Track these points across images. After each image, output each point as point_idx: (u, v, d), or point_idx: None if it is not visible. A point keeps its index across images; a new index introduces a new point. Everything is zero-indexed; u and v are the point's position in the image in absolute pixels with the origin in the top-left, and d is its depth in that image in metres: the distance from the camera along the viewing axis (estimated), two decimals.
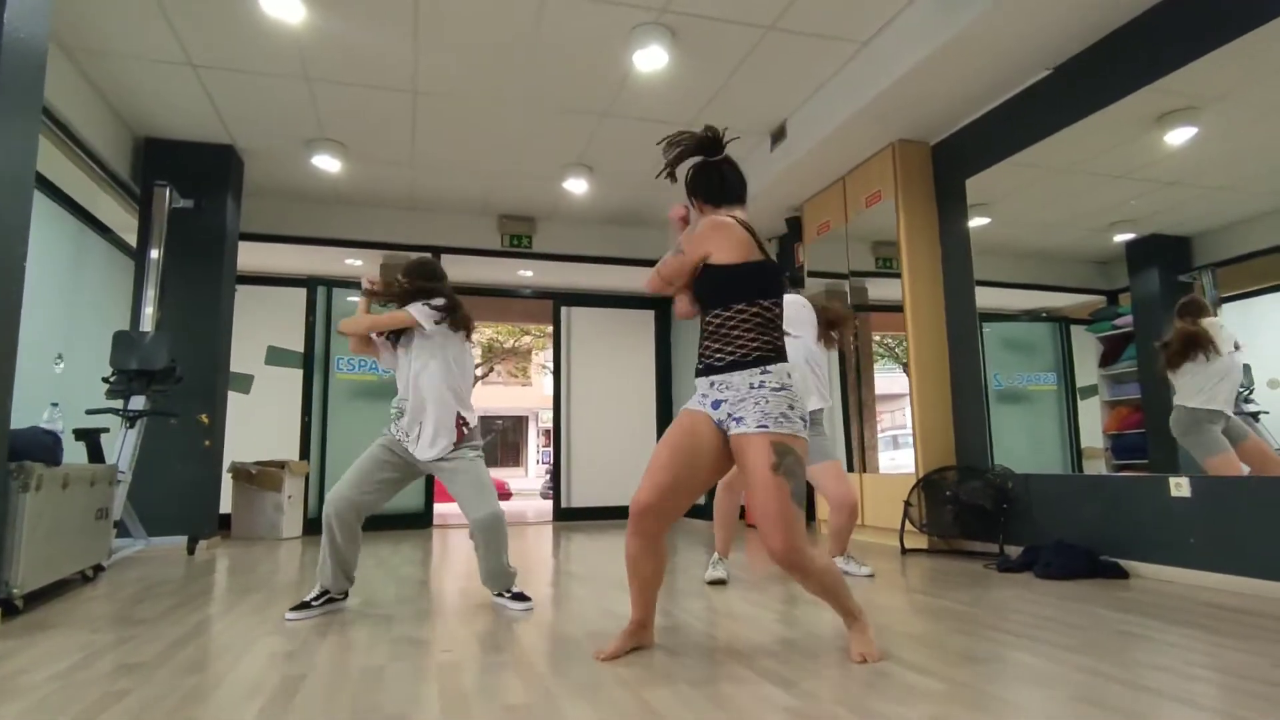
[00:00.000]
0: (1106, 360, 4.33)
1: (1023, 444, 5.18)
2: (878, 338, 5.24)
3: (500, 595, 2.76)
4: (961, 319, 4.41)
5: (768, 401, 1.91)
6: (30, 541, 2.68)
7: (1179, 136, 3.49)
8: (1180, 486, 3.07)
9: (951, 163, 4.49)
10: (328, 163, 5.33)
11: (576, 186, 5.91)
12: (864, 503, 4.80)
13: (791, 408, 1.93)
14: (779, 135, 5.03)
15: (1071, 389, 5.24)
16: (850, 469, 5.09)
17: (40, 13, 2.68)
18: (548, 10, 3.71)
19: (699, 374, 2.05)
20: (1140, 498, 3.25)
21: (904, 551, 4.13)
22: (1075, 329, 5.30)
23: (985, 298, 5.15)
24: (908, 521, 4.15)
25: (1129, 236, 4.05)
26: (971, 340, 4.33)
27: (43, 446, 2.81)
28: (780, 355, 1.99)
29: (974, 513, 3.92)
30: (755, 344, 1.96)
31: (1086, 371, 5.12)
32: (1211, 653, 1.96)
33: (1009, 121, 4.06)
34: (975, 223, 4.71)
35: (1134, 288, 3.96)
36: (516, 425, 26.09)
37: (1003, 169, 4.17)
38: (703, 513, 6.55)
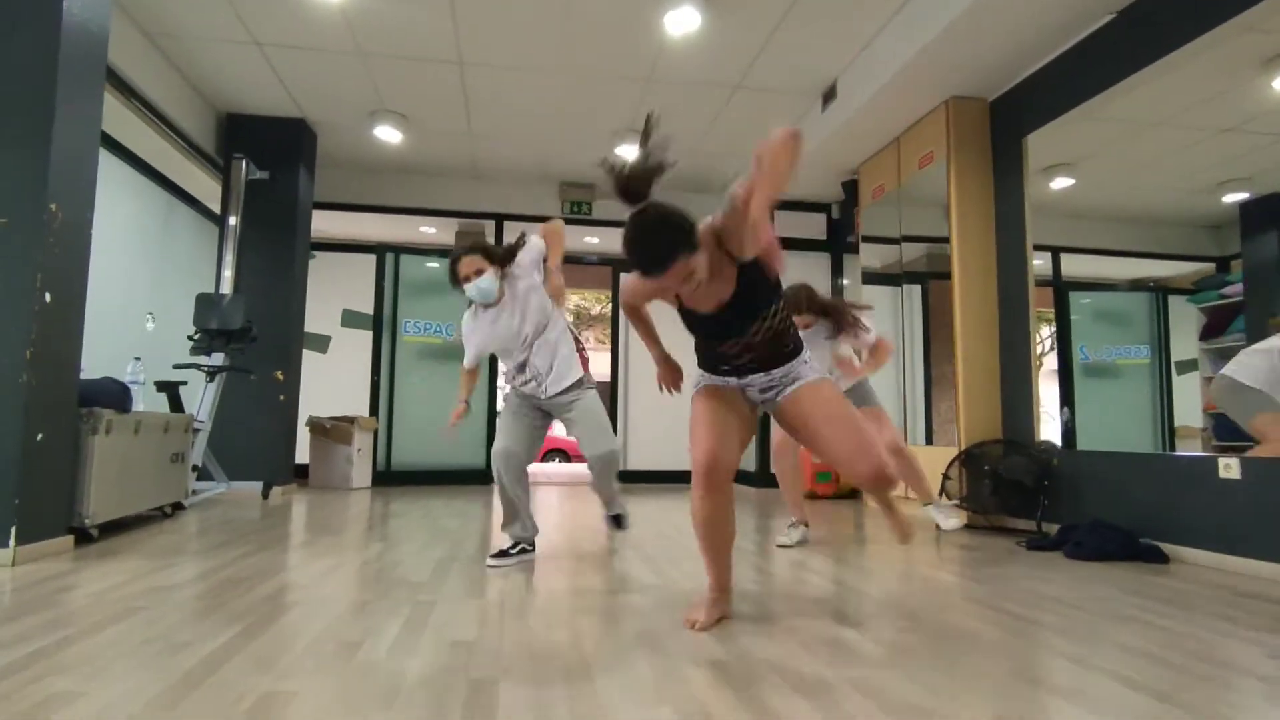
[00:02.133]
0: (1209, 333, 4.02)
1: (1109, 421, 4.86)
2: None
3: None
4: (1013, 287, 4.16)
5: (809, 362, 2.01)
6: (100, 479, 3.02)
7: None
8: (1230, 468, 2.84)
9: (1010, 120, 4.22)
10: (389, 133, 5.56)
11: (629, 153, 5.91)
12: None
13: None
14: (830, 95, 4.85)
15: (1166, 363, 4.89)
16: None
17: (101, 3, 2.94)
18: None
19: (751, 373, 1.98)
20: (1187, 478, 3.03)
21: (939, 526, 4.00)
22: (1173, 299, 4.92)
23: (1081, 266, 4.81)
24: (944, 495, 4.01)
25: (1242, 197, 3.72)
26: (1023, 309, 4.09)
27: (112, 395, 3.14)
28: None
29: (1013, 489, 3.75)
30: (794, 332, 2.02)
31: (1185, 345, 4.75)
32: (1206, 639, 1.84)
33: (1070, 72, 3.77)
34: (1058, 184, 4.40)
35: (1246, 253, 3.66)
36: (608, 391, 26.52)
37: (1082, 125, 3.85)
38: (748, 479, 6.54)
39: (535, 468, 6.75)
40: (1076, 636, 1.85)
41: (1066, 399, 4.89)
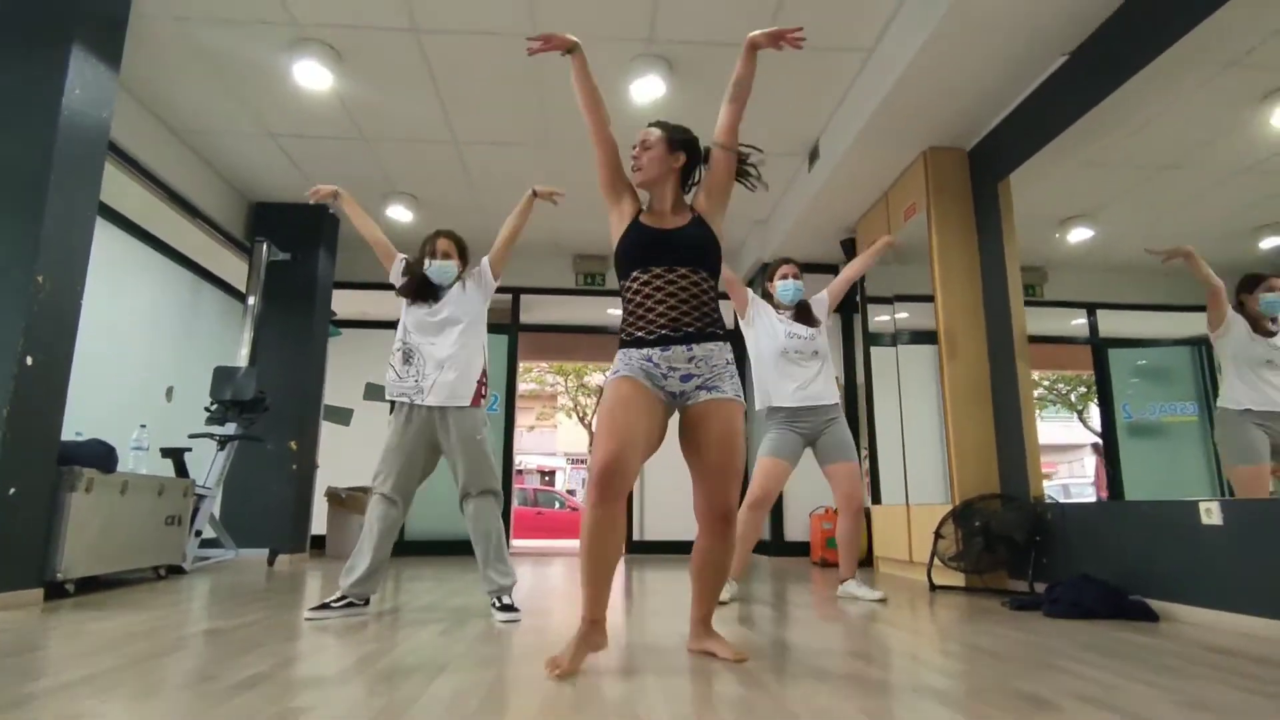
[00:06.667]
0: None
1: (1160, 482, 4.55)
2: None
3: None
4: (1001, 338, 4.00)
5: (734, 378, 2.00)
6: (78, 535, 3.16)
7: None
8: (1210, 513, 2.60)
9: (988, 167, 4.17)
10: (400, 213, 5.90)
11: None
12: (910, 535, 4.42)
13: None
14: (814, 155, 4.92)
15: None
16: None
17: (103, 101, 3.28)
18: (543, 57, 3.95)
19: (672, 341, 1.93)
20: (1168, 527, 2.78)
21: (933, 588, 3.75)
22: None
23: (1123, 324, 4.64)
24: (935, 556, 3.78)
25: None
26: (1011, 363, 3.91)
27: (95, 455, 3.32)
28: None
29: (1006, 545, 3.51)
30: (720, 317, 2.03)
31: None
32: (1117, 686, 1.66)
33: (1034, 113, 3.74)
34: (1075, 236, 4.30)
35: None
36: None
37: (1088, 171, 3.78)
38: (762, 548, 6.29)
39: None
40: (972, 680, 1.70)
41: (1111, 461, 4.58)
